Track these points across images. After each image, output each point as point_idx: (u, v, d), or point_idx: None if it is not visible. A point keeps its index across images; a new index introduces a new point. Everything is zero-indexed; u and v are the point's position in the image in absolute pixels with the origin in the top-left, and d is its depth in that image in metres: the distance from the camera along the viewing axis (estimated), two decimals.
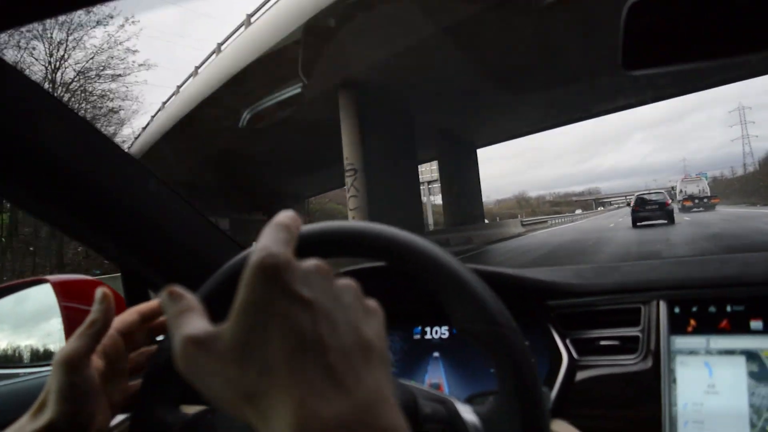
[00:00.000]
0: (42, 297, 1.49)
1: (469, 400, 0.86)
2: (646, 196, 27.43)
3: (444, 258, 0.65)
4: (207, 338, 0.39)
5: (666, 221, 24.93)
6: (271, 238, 0.42)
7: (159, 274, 1.24)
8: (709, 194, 48.11)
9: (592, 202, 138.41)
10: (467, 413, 0.61)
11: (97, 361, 0.68)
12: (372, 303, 0.45)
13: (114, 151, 1.07)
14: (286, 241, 0.42)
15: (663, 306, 0.95)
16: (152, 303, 0.79)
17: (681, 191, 49.98)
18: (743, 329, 0.88)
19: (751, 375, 0.84)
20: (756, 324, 0.87)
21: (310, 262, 0.42)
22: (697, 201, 44.72)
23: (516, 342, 0.60)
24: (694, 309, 0.92)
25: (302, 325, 0.38)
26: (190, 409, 0.75)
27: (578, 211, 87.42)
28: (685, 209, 43.92)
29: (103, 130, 1.05)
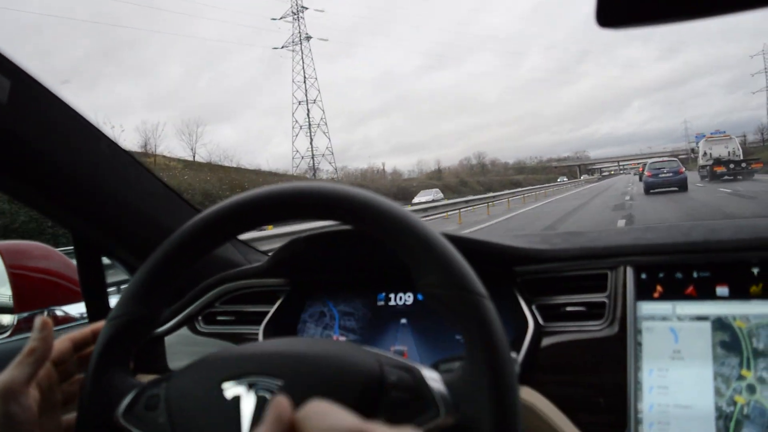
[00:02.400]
0: None
1: (435, 366, 0.85)
2: (659, 163, 26.68)
3: (412, 219, 0.63)
4: None
5: (678, 189, 24.52)
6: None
7: (112, 239, 1.19)
8: (741, 157, 36.17)
9: (576, 168, 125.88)
10: (433, 381, 0.59)
11: (32, 392, 0.65)
12: None
13: (61, 108, 1.01)
14: None
15: (630, 272, 0.94)
16: (85, 330, 0.75)
17: (705, 153, 37.94)
18: (709, 295, 0.87)
19: (722, 344, 0.84)
20: (722, 290, 0.87)
21: None
22: (732, 166, 33.69)
23: (485, 308, 0.58)
24: (661, 275, 0.92)
25: None
26: (145, 378, 0.73)
27: (427, 194, 43.01)
28: (714, 177, 33.53)
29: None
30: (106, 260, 1.28)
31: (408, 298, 1.14)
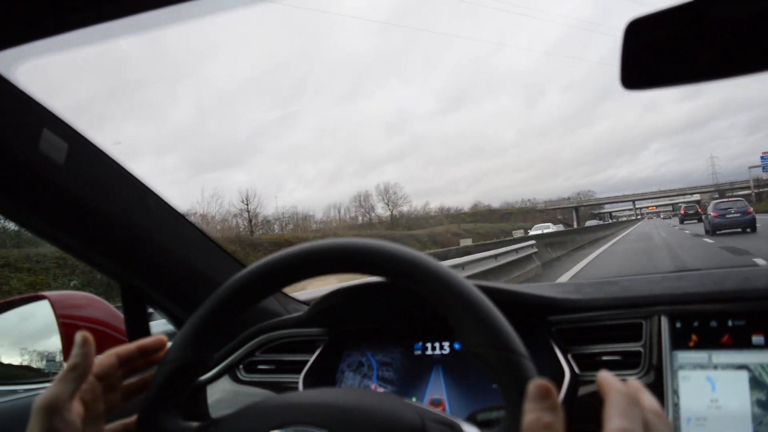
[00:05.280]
0: (41, 313, 1.49)
1: (472, 416, 0.86)
2: (725, 203, 25.33)
3: (455, 279, 0.65)
4: None
5: (744, 230, 23.41)
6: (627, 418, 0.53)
7: (158, 289, 1.24)
8: None
9: (572, 212, 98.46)
10: None
11: (76, 406, 0.67)
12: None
13: (112, 167, 1.07)
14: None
15: (664, 321, 0.95)
16: (130, 346, 0.78)
17: None
18: (745, 344, 0.88)
19: (759, 403, 0.84)
20: (758, 339, 0.87)
21: None
22: None
23: (526, 368, 0.59)
24: (696, 324, 0.92)
25: None
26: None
27: None
28: None
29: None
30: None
31: (444, 347, 1.15)
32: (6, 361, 1.69)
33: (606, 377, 0.57)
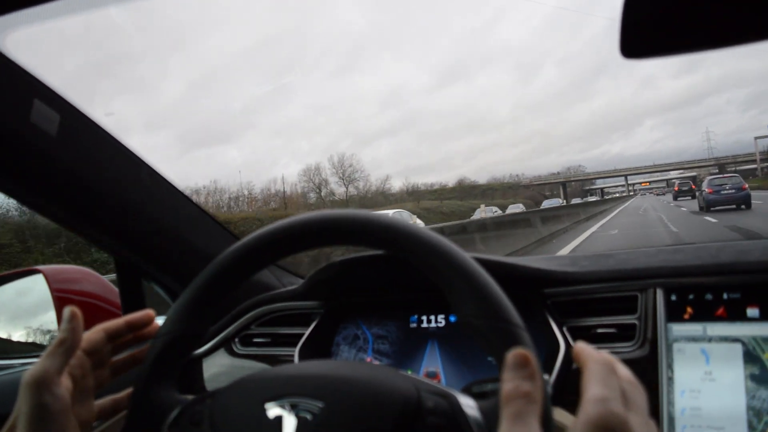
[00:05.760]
0: (37, 288, 1.49)
1: (467, 388, 0.86)
2: (719, 179, 24.77)
3: (450, 249, 0.65)
4: None
5: (738, 206, 22.78)
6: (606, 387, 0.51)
7: (152, 263, 1.24)
8: None
9: (559, 187, 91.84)
10: (469, 408, 0.60)
11: (65, 381, 0.66)
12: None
13: (105, 139, 1.06)
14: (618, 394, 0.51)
15: (660, 293, 0.95)
16: (118, 321, 0.78)
17: None
18: (740, 316, 0.88)
19: (752, 378, 0.84)
20: (752, 311, 0.87)
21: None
22: None
23: (521, 338, 0.59)
24: (691, 296, 0.93)
25: None
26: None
27: None
28: None
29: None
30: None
31: (440, 320, 1.16)
32: (2, 335, 1.70)
33: (583, 347, 0.57)
